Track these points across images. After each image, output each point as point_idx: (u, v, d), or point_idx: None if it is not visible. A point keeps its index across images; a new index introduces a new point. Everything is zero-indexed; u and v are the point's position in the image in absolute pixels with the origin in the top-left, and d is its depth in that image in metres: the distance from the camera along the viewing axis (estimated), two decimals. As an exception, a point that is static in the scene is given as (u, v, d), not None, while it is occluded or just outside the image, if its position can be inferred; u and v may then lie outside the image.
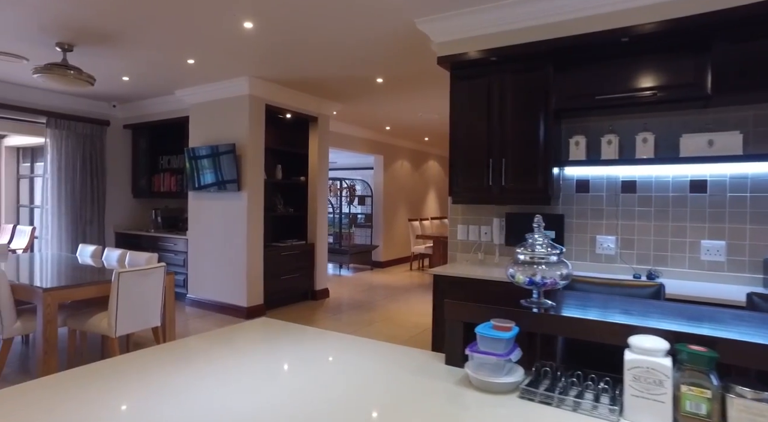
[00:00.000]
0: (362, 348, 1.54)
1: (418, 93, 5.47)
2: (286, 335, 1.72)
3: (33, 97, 5.56)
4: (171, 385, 1.21)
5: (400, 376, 1.27)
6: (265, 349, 1.55)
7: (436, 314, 3.17)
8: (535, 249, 1.32)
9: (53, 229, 5.84)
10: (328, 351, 1.51)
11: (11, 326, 3.16)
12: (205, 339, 1.67)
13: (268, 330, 1.78)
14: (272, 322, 1.89)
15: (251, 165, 4.96)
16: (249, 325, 1.84)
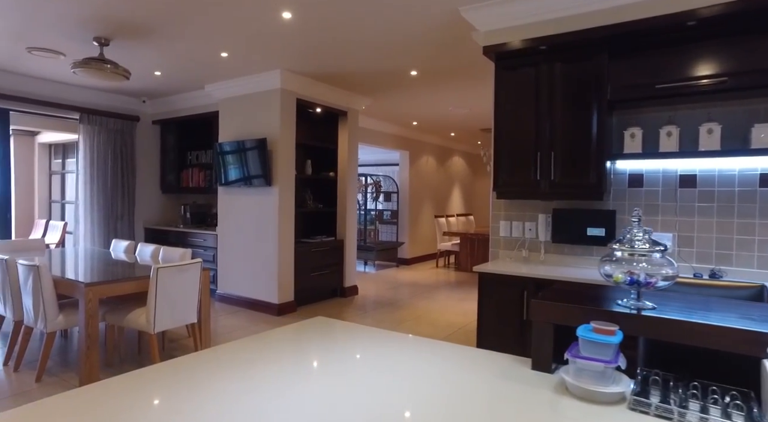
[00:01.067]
0: (435, 351, 1.44)
1: (451, 86, 5.34)
2: (349, 335, 1.63)
3: (67, 93, 5.60)
4: (252, 390, 1.13)
5: (491, 382, 1.16)
6: (334, 350, 1.46)
7: (482, 313, 3.06)
8: (635, 245, 1.20)
9: (86, 224, 5.88)
10: (402, 354, 1.41)
11: (54, 320, 3.15)
12: (264, 340, 1.59)
13: (328, 330, 1.69)
14: (329, 322, 1.80)
15: (282, 160, 4.90)
16: (307, 325, 1.75)
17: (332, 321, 1.82)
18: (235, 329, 4.40)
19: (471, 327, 4.63)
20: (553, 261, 3.24)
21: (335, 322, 1.80)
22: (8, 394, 2.96)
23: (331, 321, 1.81)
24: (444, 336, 4.34)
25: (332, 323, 1.79)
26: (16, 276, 3.35)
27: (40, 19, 3.53)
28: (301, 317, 4.88)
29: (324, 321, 1.81)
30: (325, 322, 1.80)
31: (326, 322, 1.80)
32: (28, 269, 3.14)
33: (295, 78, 4.91)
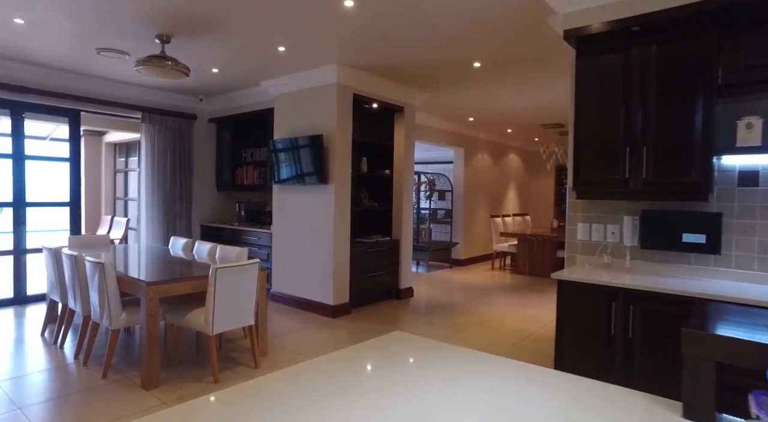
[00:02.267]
0: (546, 381, 1.20)
1: (515, 79, 5.01)
2: (435, 354, 1.41)
3: (130, 93, 5.74)
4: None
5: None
6: (428, 376, 1.24)
7: (561, 325, 2.76)
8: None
9: (147, 221, 6.02)
10: (507, 385, 1.18)
11: (118, 317, 3.15)
12: (345, 360, 1.40)
13: (410, 347, 1.49)
14: (408, 338, 1.60)
15: (338, 157, 4.76)
16: (385, 341, 1.56)
17: (411, 336, 1.61)
18: (290, 331, 4.31)
19: (538, 336, 4.30)
20: (642, 269, 2.89)
21: (415, 338, 1.59)
22: (78, 389, 2.98)
23: (410, 337, 1.61)
24: (510, 344, 4.05)
25: (412, 339, 1.58)
26: (84, 272, 3.39)
27: (107, 19, 3.56)
28: (356, 319, 4.73)
29: (402, 337, 1.60)
30: (403, 338, 1.60)
31: (405, 338, 1.60)
32: (95, 266, 3.16)
33: (352, 72, 4.75)
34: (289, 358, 3.59)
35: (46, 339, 3.96)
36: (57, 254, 3.77)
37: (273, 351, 3.73)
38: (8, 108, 4.95)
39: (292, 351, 3.77)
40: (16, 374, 3.22)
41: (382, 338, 1.58)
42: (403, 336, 1.62)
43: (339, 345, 3.93)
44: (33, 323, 4.45)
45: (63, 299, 3.80)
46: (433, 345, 1.53)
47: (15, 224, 5.09)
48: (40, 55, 4.52)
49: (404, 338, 1.60)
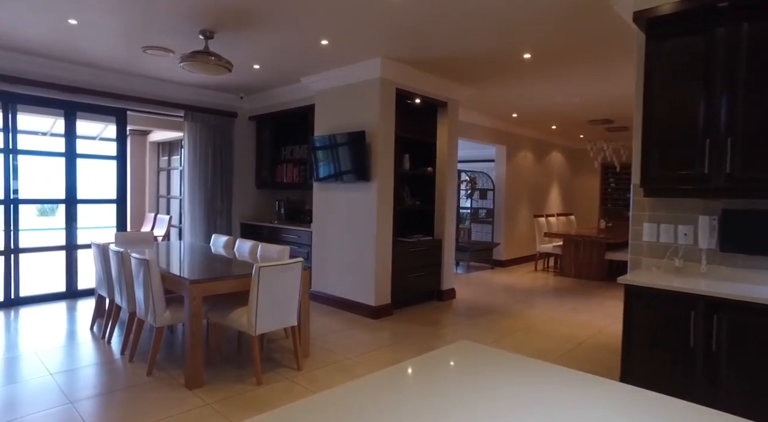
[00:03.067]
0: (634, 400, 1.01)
1: (567, 70, 4.73)
2: (507, 366, 1.24)
3: (173, 91, 5.81)
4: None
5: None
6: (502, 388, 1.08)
7: (629, 334, 2.53)
8: None
9: (189, 219, 6.08)
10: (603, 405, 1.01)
11: (162, 315, 3.13)
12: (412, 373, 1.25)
13: (481, 359, 1.32)
14: (475, 348, 1.44)
15: (381, 154, 4.63)
16: (451, 352, 1.40)
17: (478, 346, 1.45)
18: (330, 331, 4.21)
19: (593, 344, 4.04)
20: (721, 275, 2.61)
21: (482, 349, 1.43)
22: (124, 385, 2.97)
23: (476, 346, 1.44)
24: (564, 351, 3.81)
25: (479, 350, 1.42)
26: (129, 269, 3.39)
27: (154, 17, 3.56)
28: (398, 321, 4.60)
29: (469, 347, 1.45)
30: (470, 347, 1.44)
31: (472, 348, 1.44)
32: (140, 263, 3.15)
33: (395, 66, 4.61)
34: (331, 360, 3.49)
35: (94, 333, 4.02)
36: (104, 250, 3.81)
37: (315, 353, 3.64)
38: (62, 108, 5.09)
39: (334, 352, 3.66)
40: (68, 367, 3.25)
41: (449, 348, 1.42)
42: (470, 345, 1.46)
43: (382, 348, 3.81)
44: (83, 317, 4.54)
45: (110, 295, 3.83)
46: (502, 355, 1.37)
47: (67, 221, 5.24)
48: (91, 55, 4.61)
49: (471, 348, 1.44)
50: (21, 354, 3.51)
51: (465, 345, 1.46)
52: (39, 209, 18.81)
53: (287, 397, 2.86)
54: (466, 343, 1.47)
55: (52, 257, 7.55)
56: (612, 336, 4.25)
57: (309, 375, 3.21)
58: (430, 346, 3.90)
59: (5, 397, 2.80)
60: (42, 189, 7.57)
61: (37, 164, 8.59)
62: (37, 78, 4.76)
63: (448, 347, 1.43)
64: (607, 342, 4.10)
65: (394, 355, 3.64)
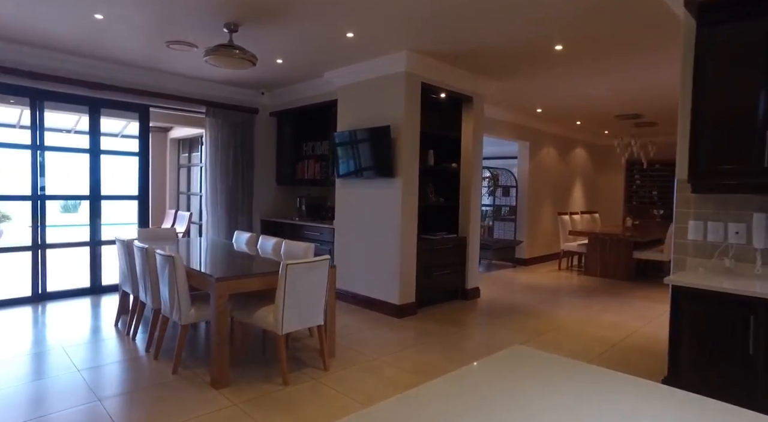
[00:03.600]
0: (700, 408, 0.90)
1: (600, 63, 4.56)
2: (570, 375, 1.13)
3: (195, 87, 5.78)
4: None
5: None
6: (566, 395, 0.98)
7: (677, 338, 2.39)
8: None
9: (209, 215, 6.06)
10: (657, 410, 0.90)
11: (187, 313, 3.08)
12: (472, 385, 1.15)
13: (540, 366, 1.22)
14: (532, 354, 1.33)
15: (406, 150, 4.53)
16: (506, 358, 1.30)
17: (533, 351, 1.35)
18: (355, 330, 4.13)
19: (627, 346, 3.88)
20: (777, 276, 2.45)
21: (537, 354, 1.33)
22: (150, 383, 2.94)
23: (532, 352, 1.34)
24: (598, 353, 3.67)
25: (535, 355, 1.32)
26: (154, 266, 3.36)
27: (179, 11, 3.51)
28: (423, 320, 4.49)
29: (525, 352, 1.34)
30: (526, 353, 1.33)
31: (528, 353, 1.33)
32: (165, 260, 3.10)
33: (421, 60, 4.49)
34: (357, 360, 3.41)
35: (119, 329, 4.01)
36: (129, 246, 3.79)
37: (340, 352, 3.56)
38: (87, 104, 5.10)
39: (360, 352, 3.58)
40: (94, 363, 3.24)
41: (504, 353, 1.32)
42: (525, 351, 1.35)
43: (409, 348, 3.71)
44: (107, 313, 4.54)
45: (134, 292, 3.81)
46: (561, 361, 1.26)
47: (91, 217, 5.25)
48: (115, 51, 4.59)
49: (527, 354, 1.33)
50: (49, 349, 3.51)
51: (520, 350, 1.36)
52: (62, 206, 19.17)
53: (315, 398, 2.79)
54: (520, 348, 1.37)
55: (76, 253, 7.64)
56: (647, 338, 4.09)
57: (335, 375, 3.13)
58: (458, 347, 3.80)
59: (36, 392, 2.78)
60: (66, 186, 7.66)
61: (61, 161, 8.69)
62: (64, 75, 4.77)
63: (503, 352, 1.33)
64: (643, 344, 3.94)
65: (421, 356, 3.54)
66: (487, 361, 1.26)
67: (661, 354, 3.66)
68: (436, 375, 1.08)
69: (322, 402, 2.73)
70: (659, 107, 6.71)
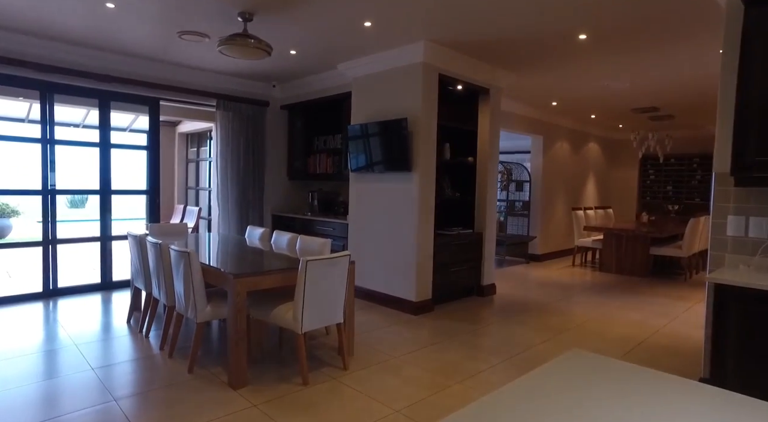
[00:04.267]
0: None
1: (625, 52, 4.41)
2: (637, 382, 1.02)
3: (206, 80, 5.68)
4: None
5: None
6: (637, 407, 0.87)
7: (719, 339, 2.27)
8: None
9: (220, 210, 5.98)
10: None
11: (203, 310, 2.99)
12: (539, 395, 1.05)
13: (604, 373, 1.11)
14: (591, 359, 1.22)
15: (423, 143, 4.41)
16: (565, 365, 1.19)
17: (593, 357, 1.24)
18: (371, 328, 4.04)
19: (653, 345, 3.77)
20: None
21: (598, 358, 1.22)
22: (166, 383, 2.85)
23: (591, 357, 1.23)
24: (622, 353, 3.55)
25: (597, 361, 1.21)
26: (168, 261, 3.27)
27: None
28: (440, 317, 4.39)
29: (584, 357, 1.23)
30: (585, 358, 1.22)
31: (587, 358, 1.22)
32: (180, 256, 3.01)
33: (439, 50, 4.37)
34: (377, 359, 3.31)
35: (132, 326, 3.93)
36: (141, 241, 3.70)
37: (358, 351, 3.46)
38: (97, 97, 5.01)
39: (379, 351, 3.49)
40: (108, 362, 3.16)
41: (562, 359, 1.21)
42: (584, 356, 1.24)
43: (428, 346, 3.61)
44: (119, 309, 4.47)
45: (147, 288, 3.73)
46: (626, 367, 1.15)
47: (101, 212, 5.18)
48: (126, 42, 4.49)
49: (587, 359, 1.22)
50: (62, 346, 3.44)
51: (578, 355, 1.25)
52: (69, 201, 19.19)
53: (336, 399, 2.69)
54: (578, 353, 1.26)
55: (86, 249, 7.59)
56: (672, 337, 3.97)
57: (356, 375, 3.04)
58: (478, 345, 3.69)
59: (50, 391, 2.71)
60: (76, 181, 7.59)
61: (71, 155, 8.64)
62: (73, 67, 4.68)
63: (560, 358, 1.22)
64: (668, 343, 3.82)
65: (441, 354, 3.44)
66: (549, 367, 1.15)
67: (690, 354, 3.56)
68: (459, 374, 0.98)
69: (344, 404, 2.63)
70: (678, 99, 6.55)
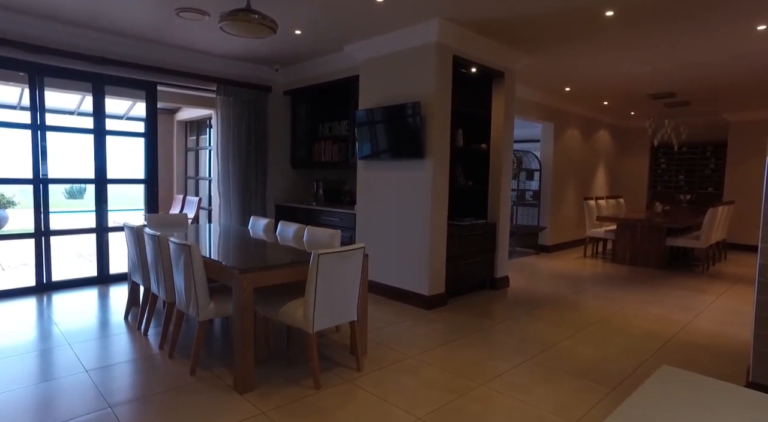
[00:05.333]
0: None
1: (651, 34, 4.14)
2: None
3: (205, 63, 5.41)
4: None
5: None
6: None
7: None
8: None
9: (222, 200, 5.74)
10: None
11: (205, 307, 2.77)
12: None
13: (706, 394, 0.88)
14: (685, 378, 1.00)
15: (437, 129, 4.16)
16: (661, 386, 0.96)
17: (684, 374, 1.01)
18: (384, 324, 3.83)
19: (680, 342, 3.56)
20: None
21: (693, 378, 0.99)
22: (166, 386, 2.63)
23: (689, 377, 1.00)
24: (651, 351, 3.34)
25: (689, 378, 0.98)
26: (167, 255, 3.04)
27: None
28: (454, 312, 4.18)
29: (679, 378, 1.00)
30: (680, 378, 1.00)
31: (682, 378, 1.00)
32: (180, 249, 2.78)
33: (453, 30, 4.10)
34: (392, 358, 3.10)
35: (129, 323, 3.72)
36: (138, 233, 3.47)
37: (372, 349, 3.25)
38: (90, 81, 4.74)
39: (393, 349, 3.27)
40: (104, 363, 2.94)
41: (657, 380, 0.98)
42: (677, 374, 1.02)
43: (445, 344, 3.40)
44: (116, 305, 4.25)
45: (145, 283, 3.51)
46: (728, 389, 0.93)
47: (97, 202, 4.94)
48: (121, 21, 4.22)
49: (683, 379, 1.00)
50: (55, 345, 3.22)
51: (671, 373, 1.02)
52: (68, 191, 18.94)
53: (351, 404, 2.48)
54: (670, 371, 1.03)
55: (82, 241, 7.36)
56: (701, 334, 3.76)
57: (371, 377, 2.82)
58: (499, 342, 3.48)
59: (42, 396, 2.49)
60: (71, 169, 7.33)
61: (65, 143, 8.37)
62: (65, 47, 4.41)
63: (655, 379, 0.99)
64: (700, 341, 3.61)
65: (460, 353, 3.23)
66: (647, 392, 0.92)
67: (727, 352, 3.34)
68: (481, 375, 0.77)
69: (360, 410, 2.42)
70: (696, 84, 6.30)
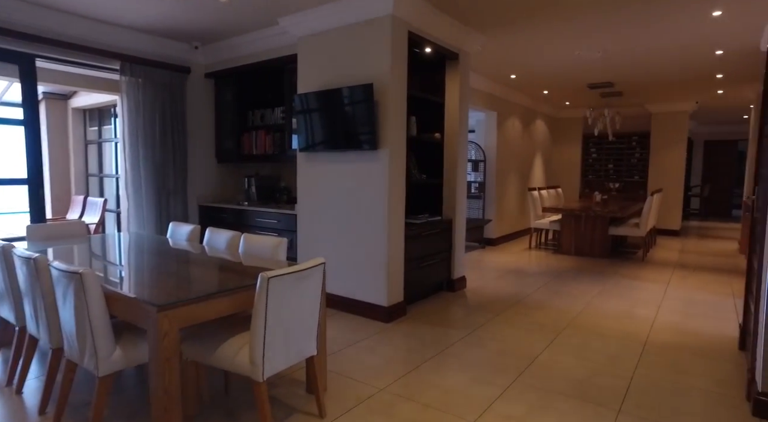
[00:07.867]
0: None
1: (616, 14, 3.89)
2: None
3: (106, 36, 4.40)
4: None
5: None
6: None
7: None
8: None
9: (133, 202, 4.78)
10: None
11: (108, 358, 2.02)
12: None
13: None
14: None
15: (393, 115, 3.62)
16: None
17: None
18: (341, 345, 3.25)
19: (660, 343, 3.34)
20: None
21: None
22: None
23: None
24: (635, 355, 3.07)
25: None
26: (50, 286, 2.22)
27: None
28: (415, 323, 3.70)
29: None
30: None
31: None
32: (68, 278, 2.00)
33: (410, 1, 3.56)
34: (359, 394, 2.54)
35: None
36: (7, 254, 2.57)
37: (332, 382, 2.67)
38: (-65, 51, 3.61)
39: (358, 380, 2.71)
40: (-47, 443, 2.09)
41: None
42: None
43: (416, 367, 2.89)
44: (-14, 344, 3.26)
45: (19, 322, 2.61)
46: None
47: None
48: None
49: None
50: None
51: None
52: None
53: (318, 472, 1.89)
54: None
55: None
56: (672, 331, 3.60)
57: (337, 424, 2.25)
58: (475, 359, 3.03)
59: None
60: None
61: None
62: None
63: None
64: (674, 340, 3.43)
65: (436, 378, 2.74)
66: None
67: (709, 352, 3.12)
68: (469, 409, 0.30)
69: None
70: (631, 75, 6.38)
